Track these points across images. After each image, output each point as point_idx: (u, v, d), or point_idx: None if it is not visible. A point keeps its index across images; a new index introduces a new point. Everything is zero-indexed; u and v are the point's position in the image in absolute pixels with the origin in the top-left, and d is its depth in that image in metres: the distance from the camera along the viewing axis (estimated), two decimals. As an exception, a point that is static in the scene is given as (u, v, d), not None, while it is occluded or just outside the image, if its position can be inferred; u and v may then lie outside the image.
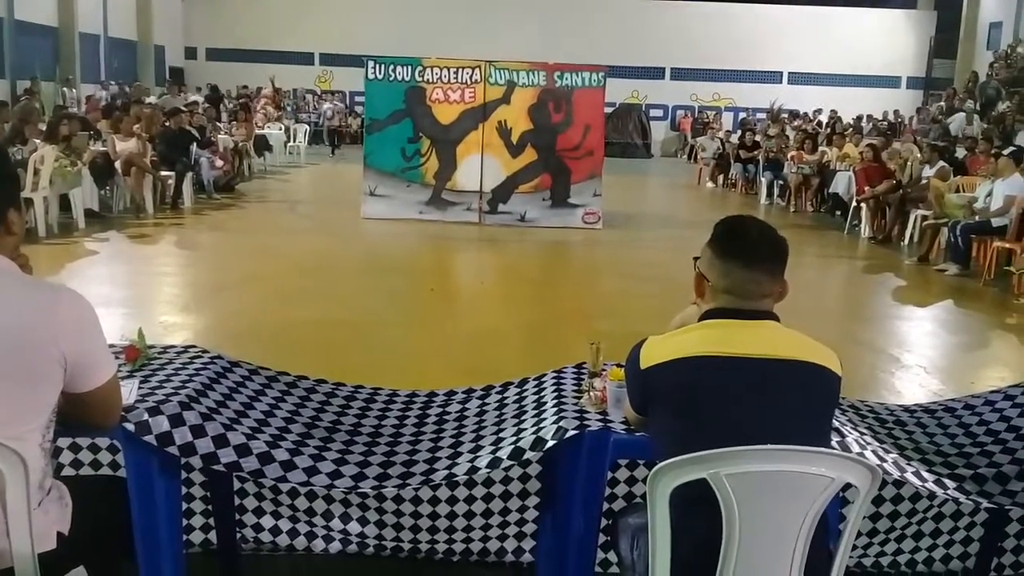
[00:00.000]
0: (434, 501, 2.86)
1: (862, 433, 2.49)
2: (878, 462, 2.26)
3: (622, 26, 26.60)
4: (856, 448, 2.29)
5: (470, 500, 2.87)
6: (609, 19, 26.69)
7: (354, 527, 2.94)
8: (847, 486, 1.78)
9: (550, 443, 2.27)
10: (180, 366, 2.56)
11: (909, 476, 2.39)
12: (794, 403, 1.87)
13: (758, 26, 27.15)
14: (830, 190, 13.17)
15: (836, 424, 2.30)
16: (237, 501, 2.92)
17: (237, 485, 2.88)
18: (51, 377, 1.84)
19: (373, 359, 5.31)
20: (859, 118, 22.43)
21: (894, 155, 12.46)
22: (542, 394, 2.62)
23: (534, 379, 2.80)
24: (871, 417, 2.76)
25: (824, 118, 23.23)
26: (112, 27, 22.90)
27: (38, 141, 9.64)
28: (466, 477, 2.45)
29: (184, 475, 2.71)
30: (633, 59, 25.99)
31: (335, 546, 2.97)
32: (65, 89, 18.74)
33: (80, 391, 1.92)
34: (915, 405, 3.03)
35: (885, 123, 21.94)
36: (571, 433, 2.27)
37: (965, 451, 2.60)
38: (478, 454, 2.40)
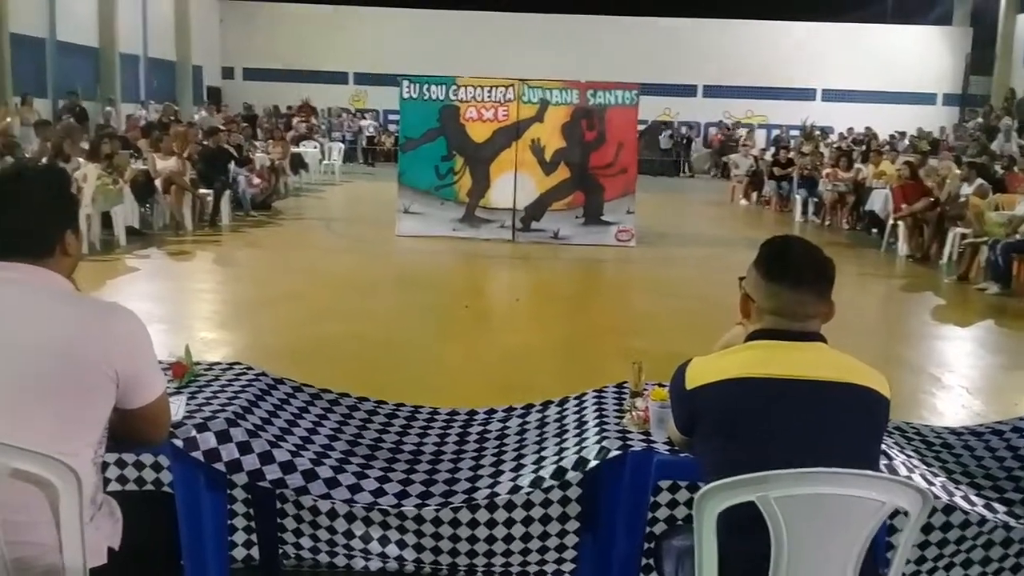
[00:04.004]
0: (473, 524, 2.86)
1: (909, 456, 2.46)
2: (926, 486, 2.23)
3: (654, 44, 26.61)
4: (904, 471, 2.26)
5: (509, 523, 2.86)
6: (641, 37, 26.72)
7: (392, 550, 2.94)
8: (894, 512, 1.76)
9: (593, 463, 2.27)
10: (226, 383, 2.59)
11: (958, 500, 2.35)
12: (843, 426, 1.85)
13: (791, 43, 27.03)
14: (866, 208, 13.04)
15: (883, 447, 2.27)
16: (278, 520, 2.94)
17: (278, 504, 2.90)
18: (104, 393, 1.87)
19: (410, 376, 5.32)
20: (893, 136, 22.20)
21: (931, 172, 12.32)
22: (583, 413, 2.62)
23: (574, 398, 2.80)
24: (917, 439, 2.72)
25: (859, 135, 23.05)
26: (151, 48, 23.33)
27: (81, 160, 9.83)
28: (508, 497, 2.45)
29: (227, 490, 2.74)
30: (665, 77, 25.98)
31: (375, 563, 2.97)
32: (109, 108, 19.10)
33: (131, 407, 1.95)
34: (962, 427, 2.98)
35: (928, 139, 21.58)
36: (614, 453, 2.26)
37: (1014, 474, 2.56)
38: (520, 473, 2.40)
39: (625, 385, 2.70)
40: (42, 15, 18.50)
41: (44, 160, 9.83)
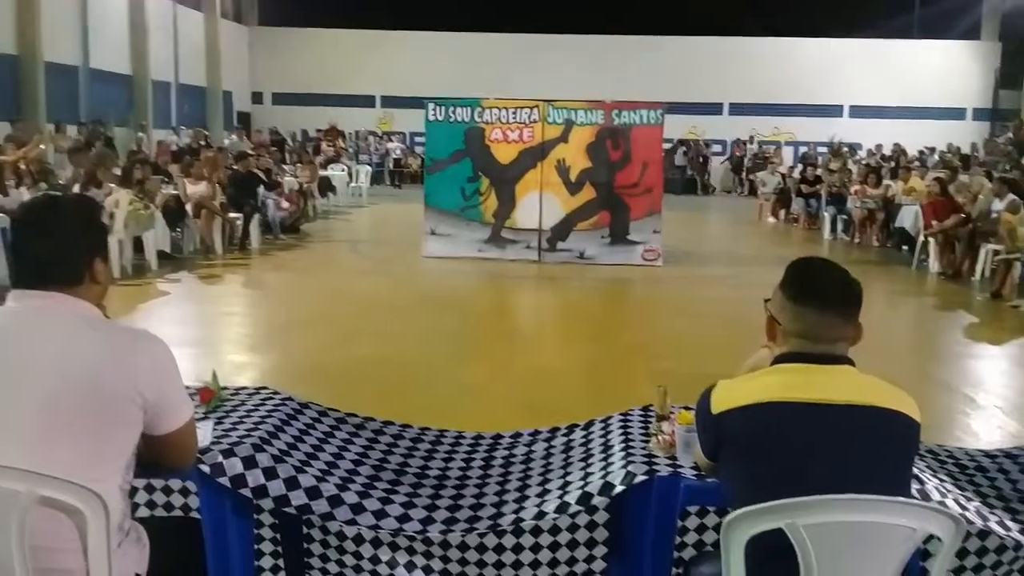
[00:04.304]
0: (499, 549, 2.84)
1: (942, 480, 2.42)
2: (960, 511, 2.19)
3: (679, 63, 26.63)
4: (936, 496, 2.22)
5: (536, 548, 2.84)
6: (666, 56, 26.75)
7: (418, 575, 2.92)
8: (929, 535, 1.73)
9: (619, 488, 2.25)
10: (252, 407, 2.61)
11: (992, 525, 2.31)
12: (872, 450, 1.82)
13: (817, 60, 26.91)
14: (896, 224, 12.91)
15: (915, 471, 2.23)
16: (304, 545, 2.93)
17: (304, 529, 2.90)
18: (131, 420, 1.89)
19: (436, 397, 5.33)
20: (922, 152, 22.00)
21: (962, 188, 12.18)
22: (609, 437, 2.60)
23: (600, 421, 2.78)
24: (950, 463, 2.67)
25: (887, 151, 22.87)
26: (183, 74, 23.73)
27: (113, 185, 9.98)
28: (533, 523, 2.43)
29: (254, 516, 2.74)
30: (690, 95, 25.95)
31: (401, 589, 2.96)
32: (141, 134, 19.43)
33: (158, 433, 1.97)
34: (996, 450, 2.93)
35: (958, 154, 21.32)
36: (640, 478, 2.24)
37: (1051, 499, 2.50)
38: (545, 498, 2.39)
39: (651, 408, 2.68)
40: (76, 43, 18.90)
41: (77, 186, 10.01)
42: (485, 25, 26.66)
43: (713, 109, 27.48)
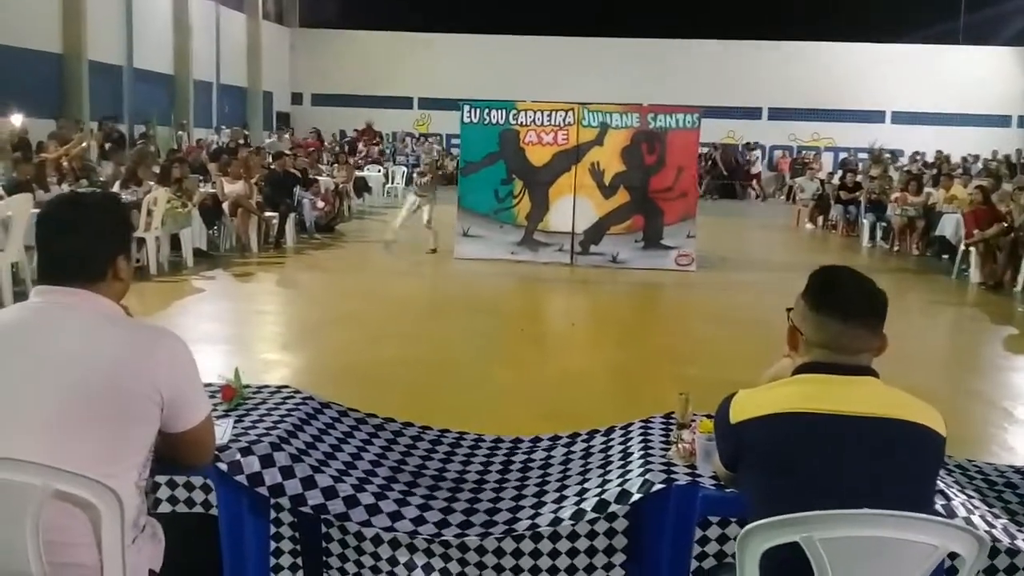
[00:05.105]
0: (517, 554, 2.82)
1: (969, 496, 2.36)
2: (986, 528, 2.14)
3: (718, 67, 26.45)
4: (963, 512, 2.17)
5: (554, 554, 2.81)
6: (705, 60, 26.59)
7: None
8: (953, 554, 1.68)
9: (636, 496, 2.22)
10: (273, 406, 2.62)
11: (1020, 543, 2.25)
12: (894, 464, 1.78)
13: (859, 65, 26.57)
14: (936, 233, 12.68)
15: (942, 486, 2.18)
16: (323, 544, 2.94)
17: (323, 528, 2.91)
18: (149, 417, 1.90)
19: (463, 398, 5.33)
20: (965, 159, 21.61)
21: (1004, 197, 11.92)
22: (628, 444, 2.57)
23: (621, 428, 2.75)
24: (979, 478, 2.61)
25: (929, 158, 22.50)
26: (224, 75, 24.04)
27: (152, 183, 10.13)
28: (550, 529, 2.41)
29: (273, 514, 2.75)
30: (729, 99, 25.76)
31: (419, 591, 2.95)
32: (181, 133, 19.72)
33: (176, 431, 1.98)
34: (1028, 466, 2.85)
35: (1004, 163, 20.88)
36: (658, 487, 2.21)
37: (1084, 518, 2.43)
38: (562, 504, 2.37)
39: (673, 416, 2.65)
40: (120, 43, 19.24)
41: (118, 183, 10.18)
42: (522, 28, 26.70)
43: (752, 113, 27.24)
